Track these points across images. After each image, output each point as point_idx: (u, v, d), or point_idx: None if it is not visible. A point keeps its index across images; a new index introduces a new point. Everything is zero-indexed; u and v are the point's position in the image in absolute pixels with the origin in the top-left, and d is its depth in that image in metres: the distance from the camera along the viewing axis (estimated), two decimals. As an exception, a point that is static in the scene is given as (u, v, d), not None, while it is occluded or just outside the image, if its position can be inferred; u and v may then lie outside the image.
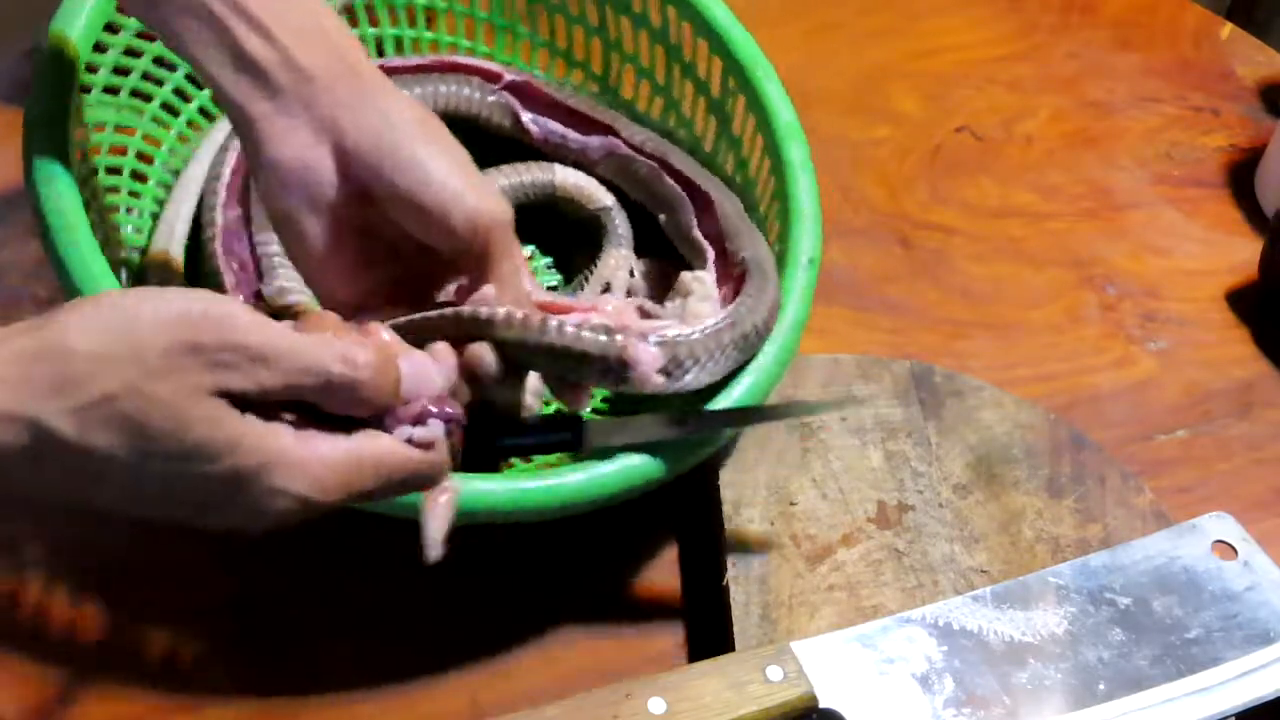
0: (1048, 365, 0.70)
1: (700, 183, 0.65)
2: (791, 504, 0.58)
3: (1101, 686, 0.52)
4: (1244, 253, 0.76)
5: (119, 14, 0.59)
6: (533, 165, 0.69)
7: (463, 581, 0.57)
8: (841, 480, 0.60)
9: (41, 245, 0.51)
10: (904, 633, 0.53)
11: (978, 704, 0.51)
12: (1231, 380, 0.70)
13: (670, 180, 0.66)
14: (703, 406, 0.53)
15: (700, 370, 0.51)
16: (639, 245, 0.68)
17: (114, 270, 0.51)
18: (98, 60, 0.59)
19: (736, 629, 0.54)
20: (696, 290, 0.57)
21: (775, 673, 0.50)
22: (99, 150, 0.61)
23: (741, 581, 0.56)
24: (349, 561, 0.58)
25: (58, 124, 0.54)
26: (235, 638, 0.55)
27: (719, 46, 0.65)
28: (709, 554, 0.58)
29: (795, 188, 0.60)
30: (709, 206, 0.63)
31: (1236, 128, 0.85)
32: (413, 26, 0.73)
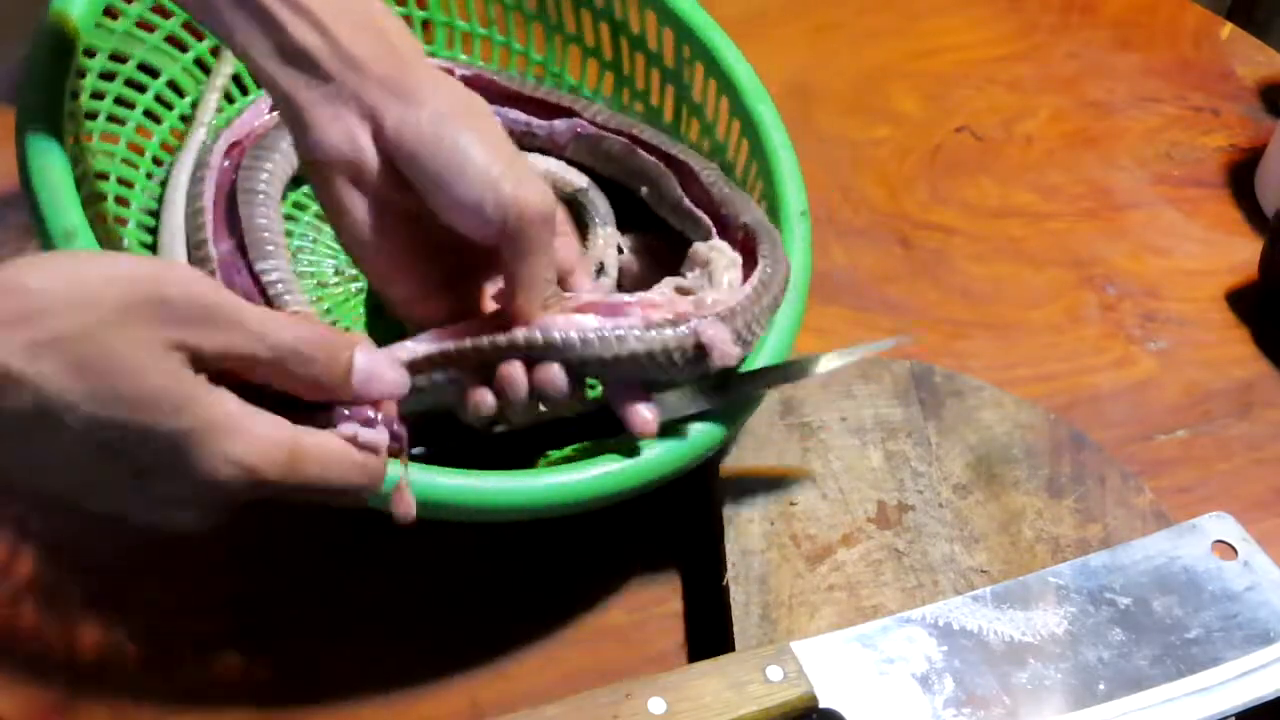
0: (1048, 365, 0.70)
1: (675, 153, 0.65)
2: (791, 504, 0.58)
3: (1101, 686, 0.52)
4: (1244, 253, 0.76)
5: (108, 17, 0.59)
6: None
7: (463, 582, 0.57)
8: (841, 480, 0.60)
9: (40, 247, 0.51)
10: (904, 633, 0.53)
11: (978, 704, 0.51)
12: (1231, 380, 0.70)
13: (644, 153, 0.66)
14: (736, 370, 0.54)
15: (756, 335, 0.53)
16: (619, 222, 0.68)
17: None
18: (87, 65, 0.59)
19: (736, 629, 0.54)
20: (717, 259, 0.56)
21: (775, 673, 0.50)
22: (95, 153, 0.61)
23: (741, 581, 0.56)
24: (349, 561, 0.58)
25: (53, 123, 0.53)
26: (235, 638, 0.55)
27: (668, 18, 0.66)
28: (709, 554, 0.58)
29: (772, 145, 0.62)
30: (692, 175, 0.64)
31: (1236, 128, 0.85)
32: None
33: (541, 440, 0.58)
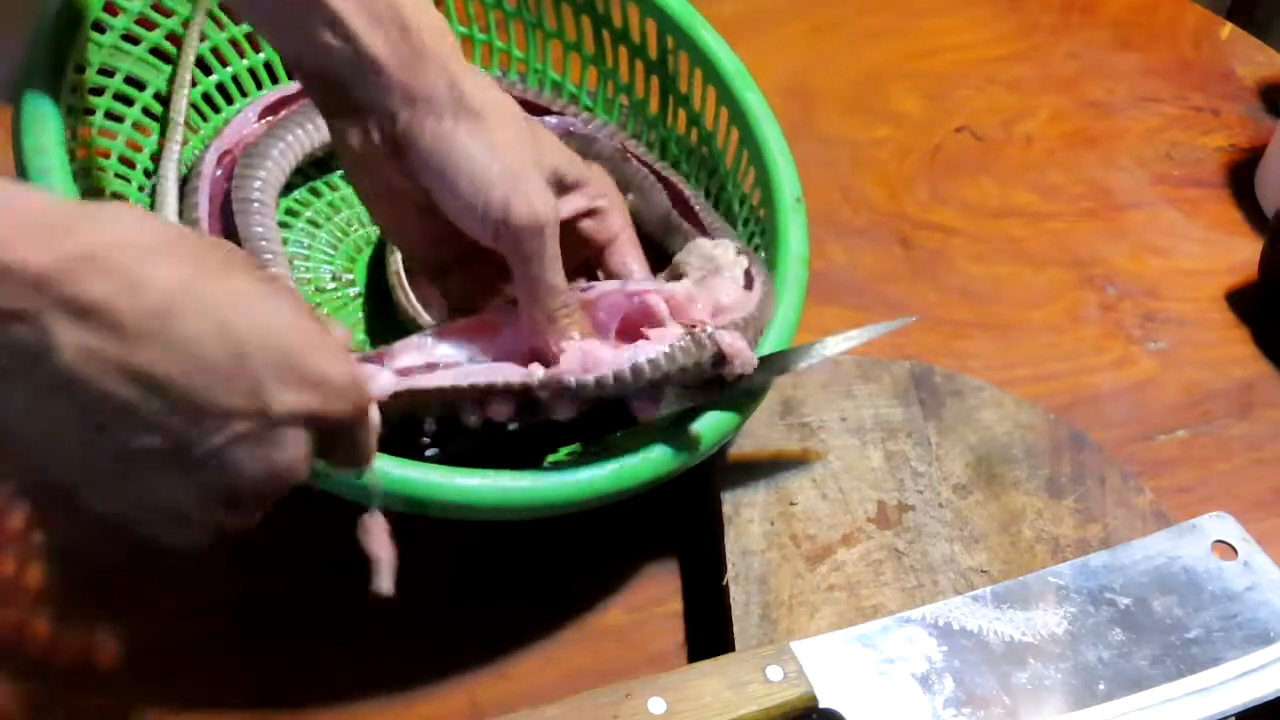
0: (1048, 365, 0.70)
1: (668, 175, 0.66)
2: (791, 504, 0.58)
3: (1101, 686, 0.52)
4: (1244, 253, 0.76)
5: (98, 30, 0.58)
6: None
7: (463, 582, 0.57)
8: (841, 480, 0.60)
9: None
10: (904, 633, 0.53)
11: (978, 704, 0.51)
12: (1231, 380, 0.70)
13: (636, 162, 0.66)
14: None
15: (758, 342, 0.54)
16: None
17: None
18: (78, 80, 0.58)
19: (736, 629, 0.54)
20: (722, 255, 0.57)
21: (775, 673, 0.50)
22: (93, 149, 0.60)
23: (741, 581, 0.56)
24: (349, 561, 0.58)
25: (51, 122, 0.53)
26: (235, 638, 0.55)
27: (650, 9, 0.66)
28: (709, 554, 0.58)
29: (762, 132, 0.62)
30: (680, 197, 0.64)
31: (1236, 128, 0.85)
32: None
33: (543, 439, 0.58)
